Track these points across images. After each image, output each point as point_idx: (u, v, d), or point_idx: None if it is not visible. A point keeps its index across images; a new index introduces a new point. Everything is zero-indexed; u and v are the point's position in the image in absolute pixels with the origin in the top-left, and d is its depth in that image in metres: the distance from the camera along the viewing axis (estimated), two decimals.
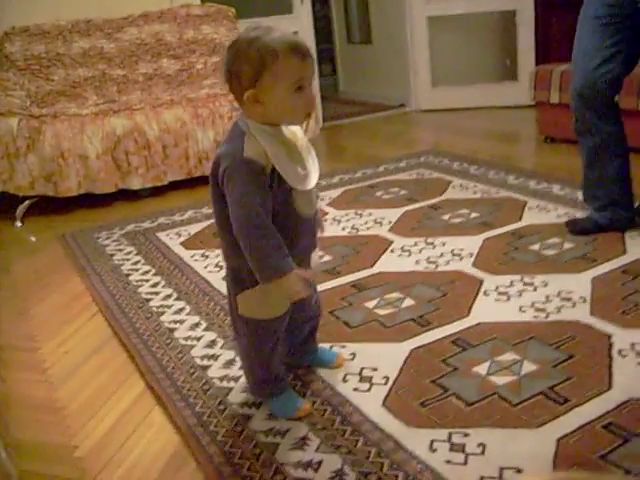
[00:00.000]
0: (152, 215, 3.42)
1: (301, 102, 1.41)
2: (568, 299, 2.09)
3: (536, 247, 2.52)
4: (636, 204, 2.65)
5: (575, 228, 2.63)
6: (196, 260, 2.74)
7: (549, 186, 3.22)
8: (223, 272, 2.55)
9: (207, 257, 2.76)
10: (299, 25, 5.14)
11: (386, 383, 1.72)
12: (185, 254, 2.83)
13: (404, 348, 1.89)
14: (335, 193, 3.43)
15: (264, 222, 1.39)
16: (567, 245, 2.52)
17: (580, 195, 2.77)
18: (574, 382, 1.65)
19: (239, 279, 1.53)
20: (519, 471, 1.38)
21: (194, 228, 3.15)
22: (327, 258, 2.59)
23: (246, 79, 1.39)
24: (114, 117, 3.69)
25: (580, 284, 2.19)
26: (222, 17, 4.69)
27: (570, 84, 2.57)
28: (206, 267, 2.65)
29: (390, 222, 2.93)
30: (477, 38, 5.69)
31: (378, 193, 3.36)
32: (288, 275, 1.41)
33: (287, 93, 1.39)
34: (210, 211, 2.78)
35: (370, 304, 2.18)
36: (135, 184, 3.72)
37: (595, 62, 2.40)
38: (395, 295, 2.22)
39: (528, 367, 1.73)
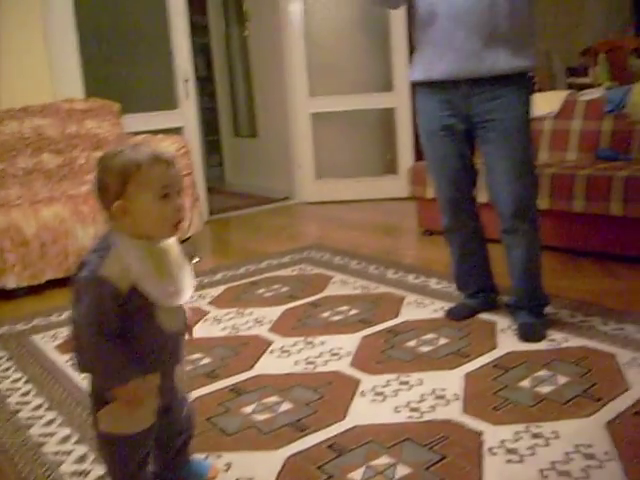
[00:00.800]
0: (27, 316, 3.29)
1: (168, 210, 1.44)
2: (442, 397, 2.15)
3: (412, 344, 2.59)
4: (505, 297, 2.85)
5: (454, 315, 2.83)
6: (72, 365, 2.64)
7: (426, 280, 3.34)
8: None
9: None
10: (184, 120, 5.21)
11: None
12: (60, 359, 2.72)
13: (280, 456, 1.87)
14: (217, 291, 3.42)
15: (101, 341, 1.39)
16: (442, 341, 2.60)
17: (454, 288, 2.98)
18: None
19: (100, 395, 1.50)
20: None
21: None
22: (206, 360, 2.56)
23: (112, 191, 1.43)
24: None
25: (454, 381, 2.26)
26: (106, 112, 4.69)
27: (436, 188, 2.80)
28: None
29: (271, 321, 2.94)
30: (359, 133, 5.92)
31: (260, 290, 3.38)
32: (126, 385, 1.42)
33: (153, 202, 1.42)
34: None
35: (248, 409, 2.16)
36: (10, 283, 3.59)
37: (452, 168, 2.68)
38: (273, 399, 2.21)
39: (402, 471, 1.75)
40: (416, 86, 2.72)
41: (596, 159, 3.91)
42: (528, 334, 2.58)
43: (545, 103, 4.21)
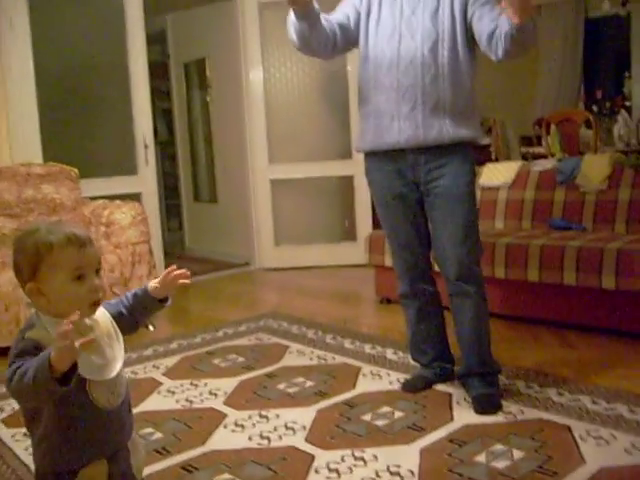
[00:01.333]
0: None
1: (83, 291, 1.42)
2: (397, 473, 2.12)
3: (368, 417, 2.56)
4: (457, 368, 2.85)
5: (409, 388, 2.81)
6: (17, 440, 2.55)
7: (383, 350, 3.32)
8: None
9: (29, 437, 2.57)
10: (143, 186, 5.19)
11: None
12: (5, 433, 2.63)
13: None
14: (172, 361, 3.35)
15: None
16: (398, 414, 2.57)
17: (410, 358, 2.97)
18: None
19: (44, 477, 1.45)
20: None
21: None
22: (157, 435, 2.50)
23: (26, 272, 1.42)
24: None
25: (409, 456, 2.23)
26: (64, 177, 4.66)
27: (393, 256, 2.84)
28: (27, 449, 2.47)
29: (226, 393, 2.89)
30: (318, 200, 5.97)
31: (216, 360, 3.33)
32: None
33: (66, 283, 1.40)
34: None
35: None
36: None
37: (407, 235, 2.73)
38: (225, 476, 2.16)
39: None
40: (366, 156, 2.77)
41: (549, 228, 3.99)
42: (483, 406, 2.58)
43: (500, 173, 4.31)
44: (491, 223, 4.28)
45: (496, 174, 4.35)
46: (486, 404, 2.59)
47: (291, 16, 2.57)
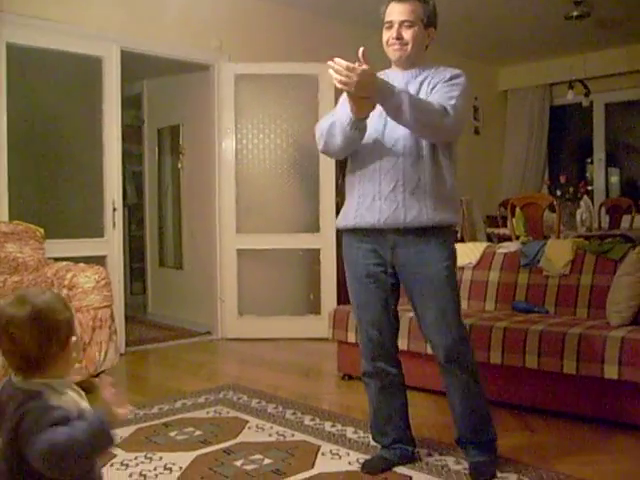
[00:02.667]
0: None
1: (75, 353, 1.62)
2: None
3: None
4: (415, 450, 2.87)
5: (369, 469, 2.75)
6: None
7: (343, 429, 3.27)
8: None
9: None
10: (109, 249, 5.15)
11: None
12: None
13: None
14: (128, 431, 3.25)
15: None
16: None
17: (371, 438, 2.94)
18: None
19: None
20: None
21: None
22: None
23: (58, 345, 1.56)
24: None
25: None
26: (29, 236, 4.60)
27: (359, 333, 2.83)
28: None
29: (181, 468, 2.79)
30: (284, 272, 5.97)
31: (172, 433, 3.24)
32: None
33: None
34: None
35: None
36: None
37: (375, 313, 2.74)
38: None
39: None
40: (343, 233, 2.80)
41: (512, 311, 4.02)
42: (478, 474, 2.65)
43: (465, 254, 4.35)
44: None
45: (461, 254, 4.39)
46: (481, 472, 2.65)
47: (341, 124, 2.58)
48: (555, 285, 4.02)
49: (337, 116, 2.63)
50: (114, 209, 5.19)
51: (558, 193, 6.53)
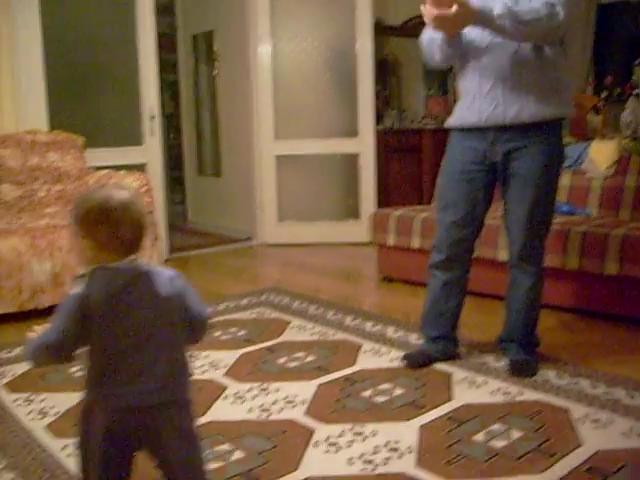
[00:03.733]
0: None
1: None
2: (396, 449, 2.13)
3: (368, 393, 2.57)
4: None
5: (410, 362, 2.83)
6: (19, 405, 2.56)
7: (384, 328, 3.33)
8: (46, 420, 2.41)
9: (31, 402, 2.59)
10: (148, 157, 5.18)
11: None
12: (7, 398, 2.64)
13: None
14: None
15: None
16: (398, 391, 2.58)
17: (411, 337, 3.06)
18: None
19: None
20: None
21: (21, 367, 2.96)
22: None
23: None
24: None
25: (408, 433, 2.24)
26: (70, 146, 4.65)
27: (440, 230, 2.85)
28: (29, 414, 2.48)
29: (226, 365, 2.90)
30: (323, 177, 5.96)
31: (217, 333, 3.34)
32: None
33: None
34: None
35: None
36: None
37: (462, 212, 2.75)
38: (225, 447, 2.17)
39: None
40: (451, 132, 2.83)
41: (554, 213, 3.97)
42: (520, 370, 2.70)
43: None
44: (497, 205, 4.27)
45: None
46: (522, 369, 2.71)
47: (438, 40, 2.64)
48: (598, 187, 3.96)
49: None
50: (152, 117, 5.19)
51: (603, 94, 6.34)
